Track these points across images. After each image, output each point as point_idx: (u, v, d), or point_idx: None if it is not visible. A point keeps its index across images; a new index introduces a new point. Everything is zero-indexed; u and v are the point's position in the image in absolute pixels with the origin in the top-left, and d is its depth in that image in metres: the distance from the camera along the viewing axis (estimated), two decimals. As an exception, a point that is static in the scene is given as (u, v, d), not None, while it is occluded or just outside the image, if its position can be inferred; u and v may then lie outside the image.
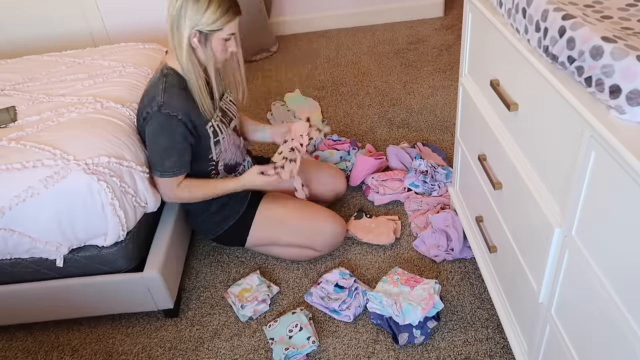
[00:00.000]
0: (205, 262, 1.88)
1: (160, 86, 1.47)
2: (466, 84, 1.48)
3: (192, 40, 1.42)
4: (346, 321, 1.60)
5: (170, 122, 1.45)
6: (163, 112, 1.44)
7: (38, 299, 1.59)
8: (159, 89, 1.46)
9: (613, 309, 0.84)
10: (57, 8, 2.58)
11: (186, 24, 1.39)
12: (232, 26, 1.44)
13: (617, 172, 0.77)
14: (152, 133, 1.48)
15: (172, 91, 1.46)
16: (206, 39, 1.43)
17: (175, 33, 1.43)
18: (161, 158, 1.50)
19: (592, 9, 0.92)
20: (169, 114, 1.44)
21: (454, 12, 3.51)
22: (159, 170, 1.52)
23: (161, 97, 1.44)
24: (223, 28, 1.42)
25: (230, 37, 1.46)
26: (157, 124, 1.46)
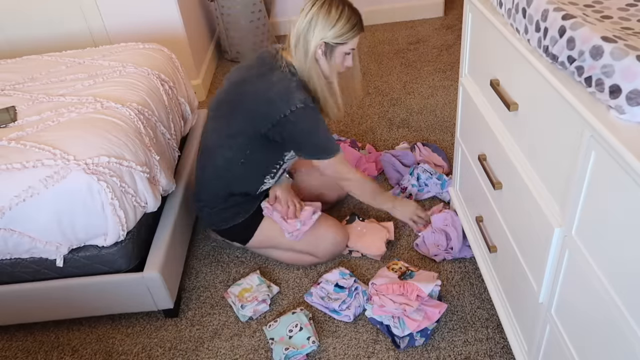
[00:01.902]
0: (205, 262, 1.88)
1: (293, 83, 1.50)
2: (466, 84, 1.49)
3: (317, 51, 1.49)
4: (346, 321, 1.60)
5: (317, 112, 1.54)
6: (309, 106, 1.49)
7: (38, 299, 1.59)
8: (293, 85, 1.50)
9: (613, 309, 0.84)
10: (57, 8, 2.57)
11: (315, 35, 1.47)
12: (355, 41, 1.52)
13: (617, 172, 0.77)
14: (309, 125, 1.53)
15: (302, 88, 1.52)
16: (331, 52, 1.50)
17: (302, 42, 1.49)
18: (329, 141, 1.58)
19: (592, 9, 0.92)
20: (313, 107, 1.51)
21: (454, 12, 3.51)
22: (335, 151, 1.59)
23: (301, 94, 1.49)
24: (348, 42, 1.50)
25: (350, 51, 1.53)
26: (309, 117, 1.51)
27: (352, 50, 1.53)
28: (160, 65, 1.93)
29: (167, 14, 2.61)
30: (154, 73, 1.86)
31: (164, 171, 1.69)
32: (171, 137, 1.87)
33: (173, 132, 1.89)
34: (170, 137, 1.85)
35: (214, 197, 1.68)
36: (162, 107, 1.82)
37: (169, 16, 2.62)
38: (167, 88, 1.90)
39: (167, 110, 1.86)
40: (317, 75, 1.52)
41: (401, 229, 1.90)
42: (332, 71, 1.55)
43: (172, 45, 2.60)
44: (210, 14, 3.36)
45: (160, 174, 1.66)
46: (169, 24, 2.64)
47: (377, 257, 1.78)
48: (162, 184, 1.68)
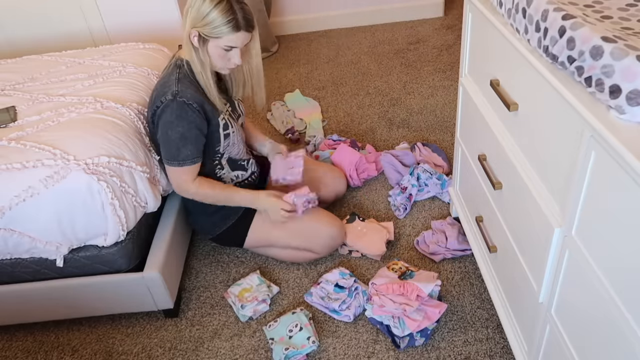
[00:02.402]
0: (205, 262, 1.88)
1: (173, 76, 1.48)
2: (466, 84, 1.49)
3: (192, 38, 1.44)
4: (346, 321, 1.60)
5: (185, 110, 1.46)
6: (178, 100, 1.44)
7: (38, 299, 1.59)
8: (172, 78, 1.47)
9: (613, 309, 0.84)
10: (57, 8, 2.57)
11: (188, 21, 1.42)
12: (234, 39, 1.42)
13: (617, 172, 0.77)
14: (168, 122, 1.47)
15: (185, 81, 1.47)
16: (204, 42, 1.44)
17: (183, 24, 1.46)
18: (178, 147, 1.49)
19: (592, 9, 0.92)
20: (184, 102, 1.45)
21: (454, 12, 3.51)
22: (178, 160, 1.50)
23: (175, 86, 1.45)
24: (221, 37, 1.42)
25: (229, 48, 1.44)
26: (173, 112, 1.45)
27: (231, 47, 1.43)
28: (160, 66, 1.93)
29: (167, 14, 2.61)
30: (154, 73, 1.86)
31: (164, 171, 1.69)
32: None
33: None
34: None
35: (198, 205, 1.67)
36: (162, 107, 1.82)
37: (169, 16, 2.62)
38: (167, 88, 1.90)
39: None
40: (192, 61, 1.47)
41: (401, 228, 1.90)
42: (205, 62, 1.46)
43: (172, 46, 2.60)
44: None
45: (160, 174, 1.67)
46: (169, 24, 2.64)
47: (377, 257, 1.78)
48: (162, 184, 1.68)
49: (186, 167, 1.52)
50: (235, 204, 1.65)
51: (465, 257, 1.76)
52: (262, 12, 3.15)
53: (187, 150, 1.50)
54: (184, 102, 1.45)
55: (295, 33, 3.53)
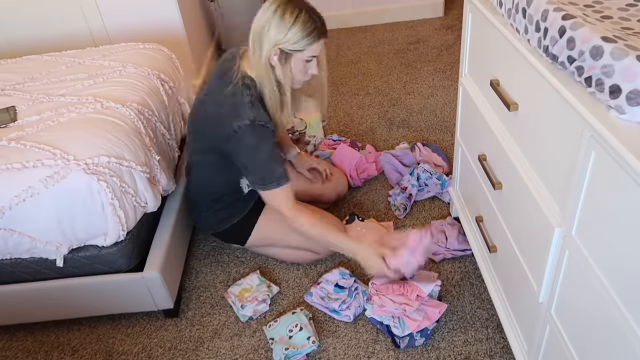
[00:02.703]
0: (205, 262, 1.88)
1: (246, 99, 1.42)
2: (466, 84, 1.49)
3: (272, 57, 1.39)
4: (346, 321, 1.60)
5: (266, 132, 1.44)
6: (257, 125, 1.41)
7: (38, 299, 1.59)
8: (245, 101, 1.42)
9: (613, 309, 0.84)
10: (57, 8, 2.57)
11: (268, 40, 1.37)
12: (316, 48, 1.40)
13: (617, 172, 0.77)
14: (253, 146, 1.44)
15: (257, 104, 1.44)
16: (286, 59, 1.40)
17: (257, 47, 1.40)
18: (271, 168, 1.47)
19: (592, 9, 0.92)
20: (263, 126, 1.42)
21: (454, 12, 3.51)
22: (275, 181, 1.47)
23: (250, 111, 1.41)
24: (305, 49, 1.39)
25: (311, 59, 1.42)
26: (254, 137, 1.42)
27: (313, 57, 1.42)
28: (160, 66, 1.93)
29: (167, 14, 2.61)
30: (154, 73, 1.86)
31: (164, 171, 1.69)
32: (171, 137, 1.87)
33: (173, 132, 1.89)
34: (170, 137, 1.86)
35: (204, 200, 1.69)
36: (162, 107, 1.82)
37: (169, 16, 2.62)
38: (167, 88, 1.90)
39: (167, 110, 1.86)
40: (269, 82, 1.43)
41: (401, 228, 1.90)
42: (286, 79, 1.43)
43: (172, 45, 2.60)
44: (210, 14, 3.36)
45: (160, 174, 1.67)
46: (169, 24, 2.64)
47: None
48: (162, 184, 1.68)
49: (283, 186, 1.49)
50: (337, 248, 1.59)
51: (465, 257, 1.76)
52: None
53: (280, 169, 1.48)
54: (263, 125, 1.42)
55: (295, 33, 3.53)
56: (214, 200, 1.69)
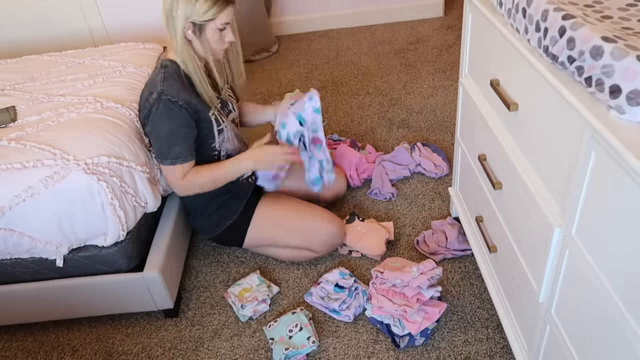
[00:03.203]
0: (205, 262, 1.88)
1: (159, 76, 1.47)
2: (466, 84, 1.49)
3: (186, 32, 1.43)
4: (346, 321, 1.60)
5: (172, 109, 1.45)
6: (164, 99, 1.44)
7: (38, 299, 1.59)
8: (158, 79, 1.47)
9: (613, 309, 0.84)
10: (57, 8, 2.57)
11: (179, 16, 1.41)
12: (226, 15, 1.43)
13: (617, 172, 0.77)
14: (156, 121, 1.47)
15: (171, 80, 1.47)
16: (200, 30, 1.44)
17: (170, 26, 1.44)
18: (169, 146, 1.48)
19: (592, 9, 0.92)
20: (169, 100, 1.44)
21: (454, 12, 3.51)
22: (169, 159, 1.50)
23: (161, 85, 1.45)
24: (216, 17, 1.42)
25: (225, 26, 1.45)
26: (159, 112, 1.45)
27: (226, 24, 1.45)
28: (160, 65, 1.93)
29: (167, 14, 2.61)
30: (154, 73, 1.86)
31: (164, 171, 1.69)
32: (171, 137, 1.87)
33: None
34: (170, 137, 1.85)
35: (196, 204, 1.69)
36: (162, 107, 1.82)
37: (169, 16, 2.61)
38: (167, 88, 1.90)
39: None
40: (190, 58, 1.46)
41: (401, 228, 1.90)
42: (206, 50, 1.47)
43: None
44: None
45: (160, 174, 1.67)
46: (169, 24, 2.64)
47: (377, 257, 1.78)
48: (162, 184, 1.68)
49: (178, 165, 1.51)
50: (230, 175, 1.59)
51: (465, 257, 1.76)
52: (262, 12, 3.15)
53: (178, 149, 1.49)
54: (169, 99, 1.44)
55: (295, 33, 3.53)
56: (204, 205, 1.68)
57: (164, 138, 1.48)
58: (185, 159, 1.51)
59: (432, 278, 1.52)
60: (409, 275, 1.52)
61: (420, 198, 2.03)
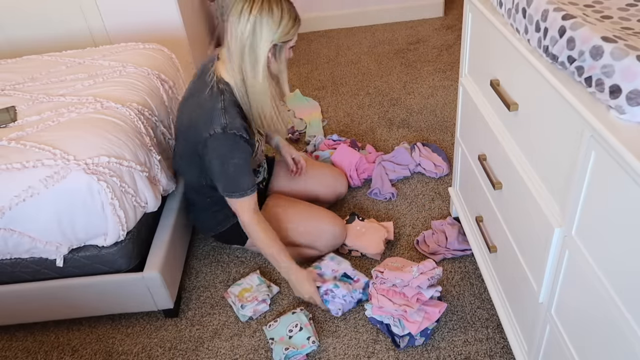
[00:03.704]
0: (205, 262, 1.88)
1: (219, 104, 1.42)
2: (466, 84, 1.49)
3: (268, 55, 1.39)
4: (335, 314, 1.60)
5: (238, 142, 1.43)
6: (229, 133, 1.41)
7: (38, 299, 1.59)
8: (218, 107, 1.42)
9: (613, 309, 0.84)
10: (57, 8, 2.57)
11: (263, 40, 1.36)
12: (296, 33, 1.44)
13: (617, 172, 0.77)
14: (222, 155, 1.44)
15: (231, 110, 1.43)
16: (280, 51, 1.42)
17: (249, 53, 1.37)
18: (238, 179, 1.48)
19: (592, 9, 0.92)
20: (235, 134, 1.42)
21: (454, 12, 3.51)
22: (240, 191, 1.49)
23: (224, 118, 1.41)
24: (294, 36, 1.41)
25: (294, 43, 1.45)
26: (225, 145, 1.43)
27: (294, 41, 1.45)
28: (160, 65, 1.93)
29: (167, 14, 2.61)
30: (154, 73, 1.86)
31: (164, 171, 1.69)
32: (171, 136, 1.87)
33: (173, 132, 1.89)
34: (170, 137, 1.86)
35: (201, 201, 1.69)
36: (162, 107, 1.82)
37: (169, 16, 2.62)
38: (167, 88, 1.90)
39: (167, 110, 1.86)
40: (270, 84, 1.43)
41: (401, 228, 1.90)
42: (281, 70, 1.47)
43: (172, 45, 2.60)
44: (210, 14, 3.36)
45: (160, 174, 1.67)
46: (169, 24, 2.64)
47: (377, 256, 1.79)
48: (163, 183, 1.68)
49: (247, 197, 1.51)
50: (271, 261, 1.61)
51: (465, 257, 1.76)
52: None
53: (247, 180, 1.49)
54: (235, 133, 1.42)
55: (295, 33, 3.53)
56: (211, 202, 1.69)
57: (234, 171, 1.46)
58: (253, 189, 1.51)
59: (432, 278, 1.52)
60: (409, 275, 1.52)
61: (420, 198, 2.03)
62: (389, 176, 2.11)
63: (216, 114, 1.42)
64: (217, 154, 1.45)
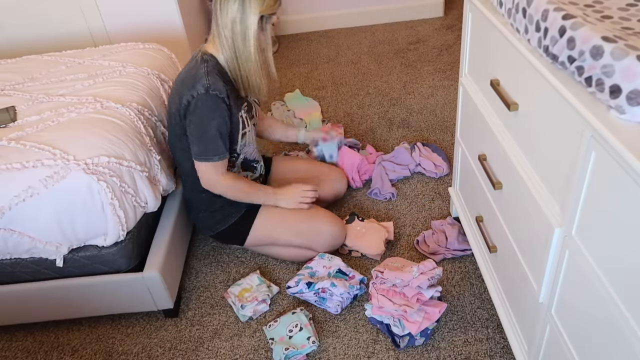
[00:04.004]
0: (205, 262, 1.88)
1: (201, 70, 1.47)
2: (466, 84, 1.48)
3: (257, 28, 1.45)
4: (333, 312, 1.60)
5: (219, 104, 1.46)
6: (211, 94, 1.44)
7: (38, 299, 1.59)
8: (201, 72, 1.46)
9: (613, 309, 0.84)
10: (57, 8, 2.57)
11: (252, 12, 1.42)
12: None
13: (617, 172, 0.77)
14: (203, 115, 1.46)
15: (214, 74, 1.47)
16: (266, 23, 1.47)
17: (240, 24, 1.43)
18: (214, 141, 1.49)
19: (593, 9, 0.92)
20: (217, 96, 1.45)
21: (454, 12, 3.51)
22: (215, 154, 1.51)
23: (206, 80, 1.45)
24: (278, 9, 1.47)
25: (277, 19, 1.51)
26: (207, 106, 1.45)
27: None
28: (160, 65, 1.93)
29: (167, 14, 2.61)
30: (154, 73, 1.86)
31: (164, 171, 1.69)
32: (171, 137, 1.87)
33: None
34: (170, 137, 1.85)
35: (200, 201, 1.69)
36: (162, 107, 1.82)
37: (169, 16, 2.62)
38: (167, 88, 1.90)
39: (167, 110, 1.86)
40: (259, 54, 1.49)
41: (401, 228, 1.90)
42: (267, 44, 1.53)
43: (172, 45, 2.60)
44: (210, 14, 3.36)
45: (160, 174, 1.67)
46: (169, 24, 2.64)
47: (377, 256, 1.78)
48: (163, 183, 1.68)
49: (220, 162, 1.53)
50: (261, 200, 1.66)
51: (465, 257, 1.76)
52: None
53: (223, 144, 1.51)
54: (217, 95, 1.45)
55: (295, 33, 3.53)
56: (210, 202, 1.69)
57: (213, 133, 1.48)
58: (225, 154, 1.53)
59: (432, 278, 1.52)
60: (409, 275, 1.52)
61: (420, 198, 2.03)
62: (389, 176, 2.11)
63: (199, 77, 1.46)
64: (199, 115, 1.47)
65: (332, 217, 1.76)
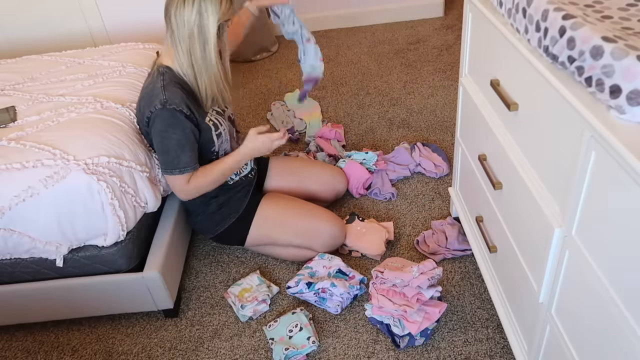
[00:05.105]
0: (205, 262, 1.88)
1: (158, 84, 1.46)
2: (466, 84, 1.48)
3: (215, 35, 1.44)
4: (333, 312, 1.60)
5: (177, 117, 1.45)
6: (168, 108, 1.43)
7: (38, 299, 1.59)
8: (158, 86, 1.46)
9: (613, 309, 0.84)
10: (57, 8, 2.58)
11: (210, 21, 1.40)
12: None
13: (617, 172, 0.77)
14: (162, 130, 1.46)
15: (171, 88, 1.46)
16: (223, 29, 1.46)
17: (198, 37, 1.42)
18: (177, 155, 1.48)
19: (593, 9, 0.92)
20: (174, 109, 1.44)
21: (454, 12, 3.51)
22: (178, 167, 1.49)
23: (162, 94, 1.44)
24: (234, 13, 1.47)
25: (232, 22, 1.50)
26: (164, 121, 1.45)
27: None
28: (160, 65, 1.93)
29: (167, 14, 2.61)
30: (154, 73, 1.86)
31: (164, 172, 1.69)
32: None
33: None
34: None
35: (198, 204, 1.69)
36: (162, 107, 1.82)
37: (169, 16, 2.62)
38: (167, 88, 1.90)
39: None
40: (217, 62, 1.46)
41: (401, 228, 1.90)
42: (225, 49, 1.52)
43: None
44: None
45: (160, 174, 1.66)
46: (169, 24, 2.64)
47: (377, 256, 1.78)
48: (162, 183, 1.68)
49: (186, 174, 1.51)
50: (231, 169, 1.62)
51: (465, 257, 1.76)
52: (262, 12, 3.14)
53: (186, 157, 1.49)
54: (174, 108, 1.44)
55: (295, 33, 3.53)
56: (204, 205, 1.69)
57: (173, 147, 1.47)
58: (193, 166, 1.52)
59: (432, 278, 1.52)
60: (409, 275, 1.52)
61: (420, 198, 2.03)
62: (389, 176, 2.11)
63: (156, 92, 1.45)
64: (158, 129, 1.46)
65: (332, 216, 1.75)
